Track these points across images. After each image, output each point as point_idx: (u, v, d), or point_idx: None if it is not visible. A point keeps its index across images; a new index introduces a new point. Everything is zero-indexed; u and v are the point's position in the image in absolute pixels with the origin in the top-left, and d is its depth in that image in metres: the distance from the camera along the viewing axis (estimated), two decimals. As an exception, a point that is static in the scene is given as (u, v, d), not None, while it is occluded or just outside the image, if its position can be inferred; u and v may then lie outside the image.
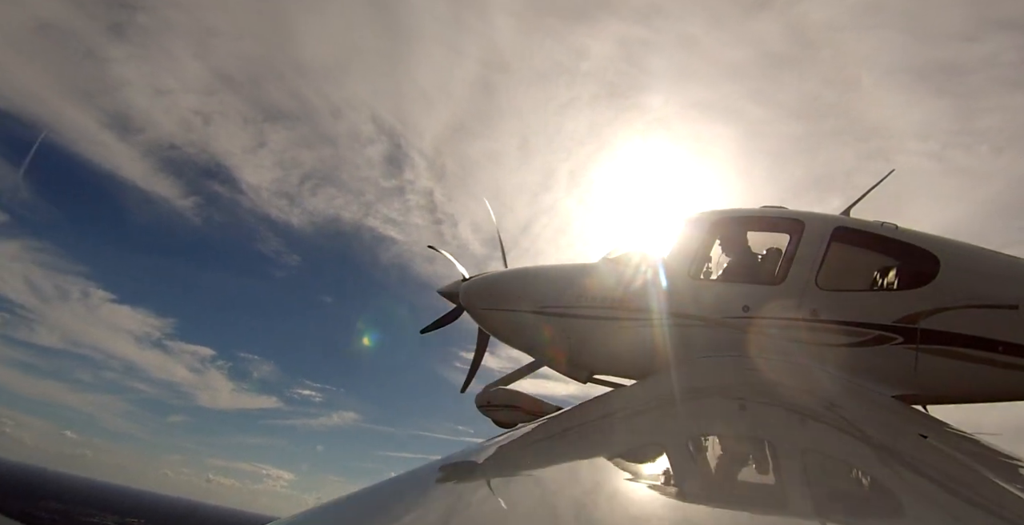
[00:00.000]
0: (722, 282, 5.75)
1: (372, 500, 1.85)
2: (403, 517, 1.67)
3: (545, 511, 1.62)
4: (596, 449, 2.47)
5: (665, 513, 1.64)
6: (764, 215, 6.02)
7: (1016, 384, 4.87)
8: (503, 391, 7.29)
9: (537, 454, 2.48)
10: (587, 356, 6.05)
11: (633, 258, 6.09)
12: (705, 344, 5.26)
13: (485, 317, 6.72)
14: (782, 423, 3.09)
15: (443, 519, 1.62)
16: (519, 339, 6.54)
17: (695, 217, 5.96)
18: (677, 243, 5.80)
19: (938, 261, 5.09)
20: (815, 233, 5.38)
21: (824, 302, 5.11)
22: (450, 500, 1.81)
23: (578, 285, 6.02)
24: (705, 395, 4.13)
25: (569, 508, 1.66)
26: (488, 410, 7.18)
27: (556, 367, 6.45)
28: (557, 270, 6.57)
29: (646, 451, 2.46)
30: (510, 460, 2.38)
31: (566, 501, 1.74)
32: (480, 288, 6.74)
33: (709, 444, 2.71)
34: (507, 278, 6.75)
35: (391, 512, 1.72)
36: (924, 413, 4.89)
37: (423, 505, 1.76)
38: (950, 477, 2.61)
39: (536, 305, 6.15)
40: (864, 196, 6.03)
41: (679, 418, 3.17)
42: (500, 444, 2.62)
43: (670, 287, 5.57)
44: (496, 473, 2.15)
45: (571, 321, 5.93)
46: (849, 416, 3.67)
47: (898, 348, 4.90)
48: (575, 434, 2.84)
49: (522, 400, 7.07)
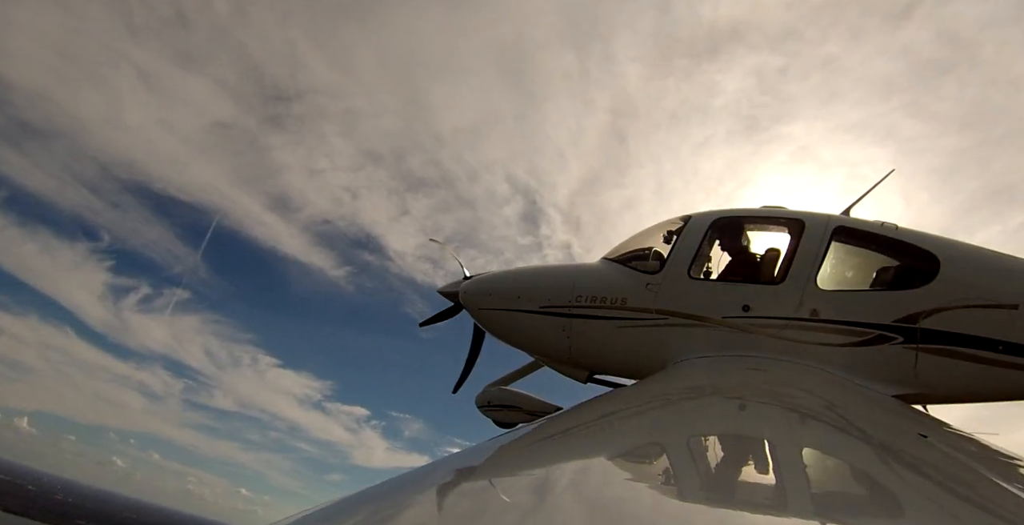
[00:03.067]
0: (722, 282, 5.75)
1: (372, 500, 1.85)
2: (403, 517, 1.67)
3: (545, 511, 1.62)
4: (596, 449, 2.47)
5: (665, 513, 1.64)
6: (764, 214, 6.02)
7: (1016, 384, 4.87)
8: (503, 391, 7.30)
9: (537, 454, 2.48)
10: (587, 356, 6.05)
11: (633, 258, 6.09)
12: (705, 344, 5.25)
13: (485, 317, 6.72)
14: (782, 423, 3.09)
15: (443, 519, 1.62)
16: (518, 339, 6.54)
17: (695, 217, 5.96)
18: (677, 243, 5.80)
19: (938, 261, 5.09)
20: (815, 233, 5.38)
21: (824, 302, 5.11)
22: (450, 500, 1.81)
23: (578, 285, 6.01)
24: (705, 395, 4.13)
25: (569, 508, 1.66)
26: (488, 410, 7.20)
27: (555, 367, 6.46)
28: (557, 270, 6.57)
29: (646, 451, 2.46)
30: (510, 460, 2.38)
31: (566, 501, 1.74)
32: (479, 287, 6.73)
33: (709, 444, 2.71)
34: (507, 277, 6.74)
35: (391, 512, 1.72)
36: (924, 413, 4.89)
37: (423, 505, 1.76)
38: (950, 477, 2.61)
39: (536, 305, 6.14)
40: (864, 196, 6.03)
41: (679, 418, 3.17)
42: (500, 444, 2.62)
43: (670, 287, 5.57)
44: (496, 473, 2.16)
45: (571, 321, 5.93)
46: (849, 416, 3.67)
47: (898, 348, 4.90)
48: (575, 434, 2.84)
49: (522, 400, 7.09)
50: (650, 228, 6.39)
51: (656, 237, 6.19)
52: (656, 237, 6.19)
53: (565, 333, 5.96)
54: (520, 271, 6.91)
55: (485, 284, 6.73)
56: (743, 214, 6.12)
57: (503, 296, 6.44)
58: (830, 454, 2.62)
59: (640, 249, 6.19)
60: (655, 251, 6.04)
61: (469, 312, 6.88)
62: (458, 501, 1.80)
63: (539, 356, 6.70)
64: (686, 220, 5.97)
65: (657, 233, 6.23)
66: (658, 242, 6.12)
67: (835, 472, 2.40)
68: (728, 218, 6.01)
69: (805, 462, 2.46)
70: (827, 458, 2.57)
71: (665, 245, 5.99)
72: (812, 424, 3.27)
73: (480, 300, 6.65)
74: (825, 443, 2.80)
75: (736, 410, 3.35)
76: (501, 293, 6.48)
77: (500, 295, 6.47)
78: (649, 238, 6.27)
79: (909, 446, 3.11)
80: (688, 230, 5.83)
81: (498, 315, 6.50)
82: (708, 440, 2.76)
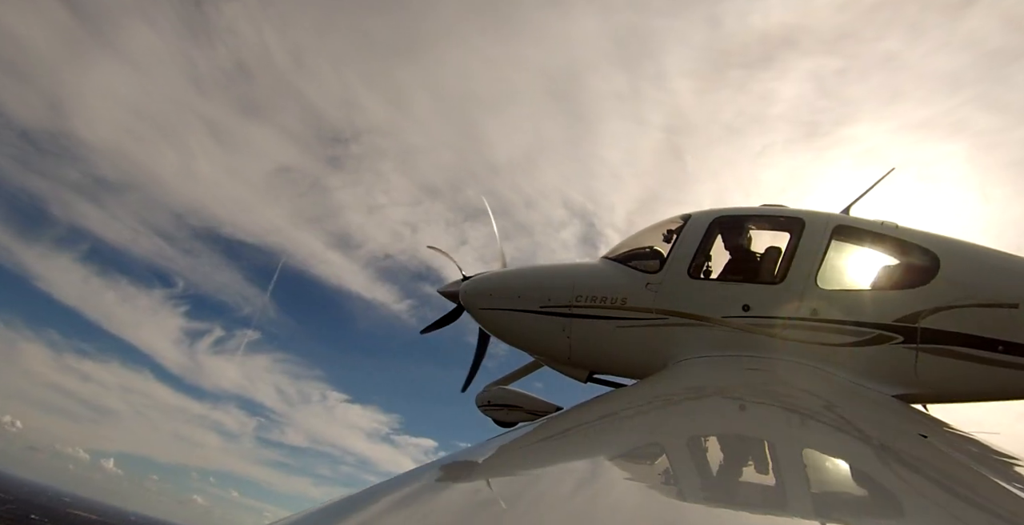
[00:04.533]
0: (722, 281, 5.74)
1: (372, 500, 1.84)
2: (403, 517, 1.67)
3: (545, 511, 1.62)
4: (596, 449, 2.47)
5: (665, 513, 1.64)
6: (764, 213, 6.01)
7: (1016, 383, 4.86)
8: (503, 391, 7.30)
9: (537, 454, 2.48)
10: (587, 356, 6.04)
11: (632, 257, 6.08)
12: (705, 343, 5.25)
13: (485, 317, 6.71)
14: (782, 423, 3.09)
15: (443, 519, 1.62)
16: (519, 338, 6.53)
17: (695, 216, 5.95)
18: (677, 242, 5.79)
19: (938, 260, 5.08)
20: (815, 232, 5.37)
21: (824, 301, 5.10)
22: (450, 500, 1.81)
23: (578, 284, 6.01)
24: (705, 395, 4.13)
25: (570, 508, 1.65)
26: (488, 410, 7.19)
27: (556, 367, 6.45)
28: (557, 269, 6.57)
29: (646, 451, 2.46)
30: (510, 460, 2.38)
31: (567, 501, 1.74)
32: (480, 288, 6.73)
33: (709, 444, 2.71)
34: (507, 277, 6.73)
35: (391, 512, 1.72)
36: (924, 413, 4.89)
37: (423, 505, 1.76)
38: (950, 477, 2.61)
39: (536, 304, 6.14)
40: (864, 195, 6.02)
41: (679, 418, 3.17)
42: (500, 444, 2.62)
43: (670, 286, 5.56)
44: (496, 473, 2.16)
45: (571, 320, 5.93)
46: (849, 416, 3.67)
47: (898, 347, 4.89)
48: (575, 434, 2.84)
49: (522, 400, 7.08)
50: (650, 227, 6.37)
51: (656, 236, 6.18)
52: (656, 236, 6.18)
53: (565, 333, 5.96)
54: (520, 271, 6.91)
55: (485, 284, 6.72)
56: (743, 213, 6.11)
57: (503, 296, 6.43)
58: (830, 454, 2.62)
59: (640, 248, 6.18)
60: (655, 250, 6.03)
61: (470, 312, 6.87)
62: (458, 501, 1.80)
63: (539, 356, 6.70)
64: (686, 219, 5.95)
65: (657, 232, 6.21)
66: (658, 241, 6.11)
67: (835, 472, 2.40)
68: (728, 217, 6.00)
69: (805, 462, 2.46)
70: (827, 458, 2.57)
71: (665, 244, 5.98)
72: (812, 424, 3.27)
73: (480, 300, 6.64)
74: (825, 443, 2.80)
75: (736, 410, 3.34)
76: (501, 293, 6.48)
77: (500, 295, 6.47)
78: (649, 237, 6.26)
79: (909, 446, 3.11)
80: (688, 229, 5.82)
81: (498, 315, 6.49)
82: (709, 440, 2.76)
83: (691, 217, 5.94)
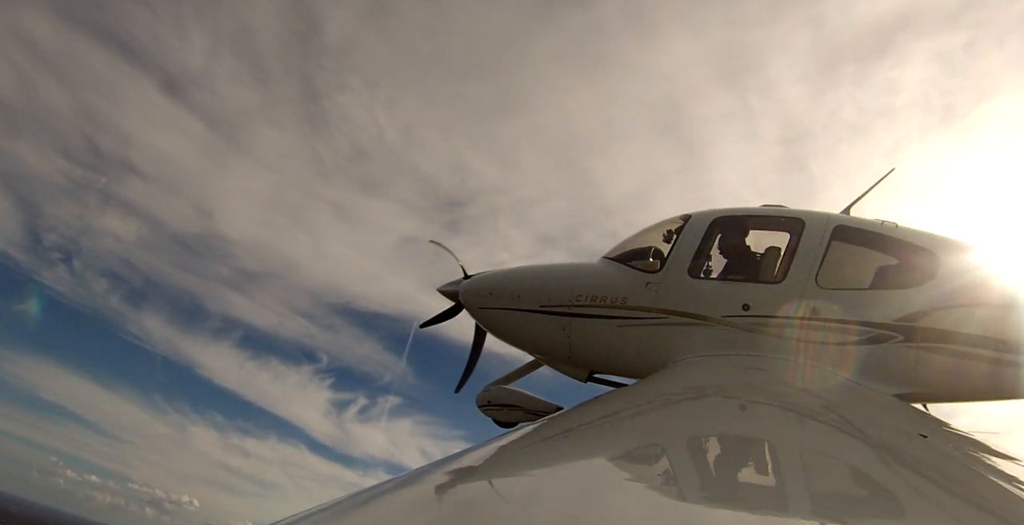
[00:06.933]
0: (722, 281, 5.74)
1: (372, 500, 1.84)
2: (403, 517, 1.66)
3: (545, 511, 1.62)
4: (596, 449, 2.47)
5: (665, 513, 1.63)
6: (764, 213, 6.01)
7: (1016, 383, 4.86)
8: (503, 390, 7.28)
9: (537, 454, 2.48)
10: (587, 355, 6.04)
11: (632, 257, 6.08)
12: (705, 343, 5.25)
13: (485, 316, 6.71)
14: (782, 423, 3.09)
15: (443, 519, 1.62)
16: (518, 338, 6.53)
17: (695, 215, 5.95)
18: (677, 241, 5.79)
19: (938, 259, 5.08)
20: (815, 232, 5.37)
21: (824, 301, 5.10)
22: (450, 500, 1.81)
23: (578, 284, 6.01)
24: (705, 395, 4.13)
25: (570, 508, 1.65)
26: (488, 410, 7.18)
27: (556, 366, 6.45)
28: (557, 269, 6.56)
29: (646, 451, 2.45)
30: (510, 460, 2.37)
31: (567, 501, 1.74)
32: (479, 286, 6.72)
33: (709, 444, 2.71)
34: (507, 277, 6.73)
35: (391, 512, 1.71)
36: (924, 412, 4.89)
37: (423, 505, 1.76)
38: (950, 477, 2.61)
39: (536, 304, 6.13)
40: (864, 195, 6.03)
41: (679, 418, 3.17)
42: (500, 444, 2.61)
43: (670, 286, 5.57)
44: (496, 473, 2.15)
45: (571, 320, 5.93)
46: (849, 415, 3.67)
47: (898, 347, 4.89)
48: (575, 434, 2.83)
49: (522, 400, 7.07)
50: (650, 227, 6.37)
51: (656, 236, 6.18)
52: (656, 236, 6.18)
53: (565, 332, 5.96)
54: (520, 270, 6.90)
55: (485, 283, 6.71)
56: (743, 213, 6.12)
57: (503, 295, 6.43)
58: (830, 454, 2.62)
59: (640, 248, 6.17)
60: (655, 250, 6.02)
61: (469, 311, 6.87)
62: (458, 501, 1.80)
63: (539, 355, 6.69)
64: (686, 219, 5.95)
65: (657, 232, 6.21)
66: (658, 241, 6.10)
67: (835, 472, 2.40)
68: (728, 217, 6.00)
69: (806, 462, 2.46)
70: (827, 458, 2.57)
71: (665, 244, 5.98)
72: (813, 424, 3.27)
73: (480, 299, 6.64)
74: (825, 443, 2.80)
75: (737, 410, 3.34)
76: (501, 292, 6.47)
77: (500, 294, 6.46)
78: (649, 237, 6.26)
79: (909, 446, 3.11)
80: (688, 229, 5.82)
81: (498, 314, 6.49)
82: (709, 440, 2.75)
83: (691, 217, 5.94)
